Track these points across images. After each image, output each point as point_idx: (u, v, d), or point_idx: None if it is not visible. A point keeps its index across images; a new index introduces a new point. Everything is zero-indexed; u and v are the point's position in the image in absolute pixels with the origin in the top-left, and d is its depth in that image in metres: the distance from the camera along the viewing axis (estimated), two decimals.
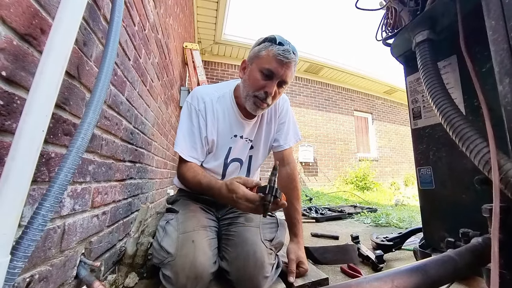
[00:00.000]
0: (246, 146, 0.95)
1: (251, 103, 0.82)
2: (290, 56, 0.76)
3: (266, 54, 0.78)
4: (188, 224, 0.74)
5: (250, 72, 0.82)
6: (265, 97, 0.80)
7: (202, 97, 0.88)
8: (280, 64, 0.76)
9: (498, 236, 0.45)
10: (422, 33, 0.80)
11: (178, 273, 0.62)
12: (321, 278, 0.79)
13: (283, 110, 1.00)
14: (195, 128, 0.86)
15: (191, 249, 0.66)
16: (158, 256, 0.69)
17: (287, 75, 0.79)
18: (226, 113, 0.90)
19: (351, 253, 1.16)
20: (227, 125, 0.90)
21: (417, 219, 2.15)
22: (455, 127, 0.61)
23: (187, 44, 2.98)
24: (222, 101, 0.90)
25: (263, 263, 0.68)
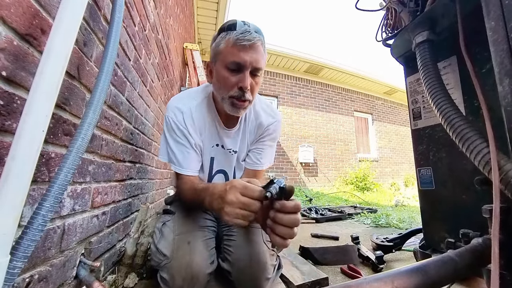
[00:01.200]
0: (230, 158, 0.85)
1: (229, 105, 0.71)
2: (252, 36, 0.64)
3: (225, 46, 0.66)
4: (185, 225, 0.74)
5: (217, 73, 0.71)
6: (242, 94, 0.68)
7: (179, 108, 0.77)
8: (244, 49, 0.64)
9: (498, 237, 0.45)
10: (422, 34, 0.80)
11: (174, 276, 0.62)
12: (321, 277, 0.79)
13: (273, 132, 0.87)
14: (182, 139, 0.76)
15: (187, 251, 0.65)
16: (155, 258, 0.69)
17: (257, 59, 0.66)
18: (206, 121, 0.80)
19: (351, 254, 1.16)
20: (207, 133, 0.81)
21: (417, 220, 2.15)
22: (455, 128, 0.61)
23: (187, 44, 2.99)
24: (201, 107, 0.80)
25: (265, 265, 0.67)
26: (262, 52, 0.68)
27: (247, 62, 0.65)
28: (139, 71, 1.03)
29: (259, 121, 0.85)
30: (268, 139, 0.87)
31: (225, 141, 0.83)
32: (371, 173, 5.69)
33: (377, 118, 7.05)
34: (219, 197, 0.52)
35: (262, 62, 0.69)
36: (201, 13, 3.67)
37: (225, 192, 0.50)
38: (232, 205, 0.48)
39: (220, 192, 0.52)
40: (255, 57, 0.66)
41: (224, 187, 0.52)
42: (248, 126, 0.85)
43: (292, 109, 5.74)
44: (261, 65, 0.69)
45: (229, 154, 0.85)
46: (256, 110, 0.85)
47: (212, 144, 0.82)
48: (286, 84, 5.81)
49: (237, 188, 0.49)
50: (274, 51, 5.17)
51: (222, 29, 0.69)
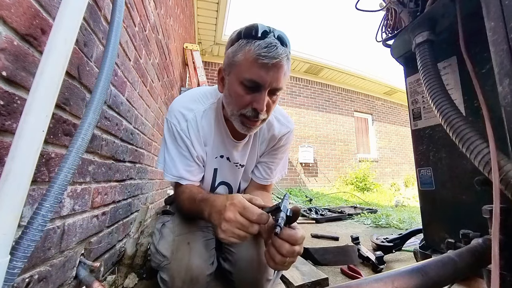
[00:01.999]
0: (236, 171, 0.81)
1: (238, 123, 0.65)
2: (277, 52, 0.54)
3: (244, 58, 0.57)
4: (184, 225, 0.73)
5: (229, 86, 0.63)
6: (255, 115, 0.61)
7: (184, 115, 0.70)
8: (265, 68, 0.55)
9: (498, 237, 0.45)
10: (422, 34, 0.80)
11: (174, 277, 0.62)
12: (321, 278, 0.79)
13: (286, 143, 0.83)
14: (184, 150, 0.70)
15: (187, 251, 0.64)
16: (155, 259, 0.68)
17: (278, 79, 0.58)
18: (212, 129, 0.74)
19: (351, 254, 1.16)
20: (213, 143, 0.75)
21: (417, 220, 2.15)
22: (455, 128, 0.61)
23: (187, 45, 2.99)
24: (208, 115, 0.73)
25: (267, 266, 0.65)
26: (285, 69, 0.59)
27: (267, 82, 0.57)
28: (139, 71, 1.03)
29: (271, 133, 0.79)
30: (281, 152, 0.83)
31: (233, 153, 0.77)
32: (371, 173, 5.69)
33: (377, 119, 7.06)
34: (218, 212, 0.50)
35: (283, 82, 0.60)
36: (201, 14, 3.67)
37: (225, 208, 0.48)
38: (230, 223, 0.47)
39: (220, 207, 0.50)
40: (276, 77, 0.57)
41: (224, 202, 0.50)
42: (259, 138, 0.79)
43: (292, 109, 5.74)
44: (282, 85, 0.60)
45: (235, 168, 0.80)
46: (270, 121, 0.77)
47: (216, 155, 0.76)
48: (286, 84, 5.81)
49: (237, 206, 0.47)
50: None
51: (242, 35, 0.59)
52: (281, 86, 0.61)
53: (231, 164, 0.78)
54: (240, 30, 0.60)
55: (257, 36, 0.56)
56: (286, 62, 0.58)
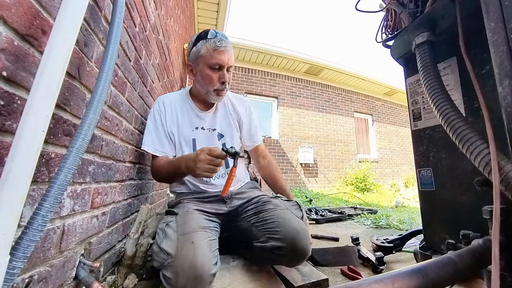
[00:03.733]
0: (211, 136, 1.03)
1: (214, 95, 0.96)
2: (225, 43, 0.90)
3: (206, 50, 0.90)
4: (188, 225, 0.75)
5: (200, 72, 0.94)
6: (224, 87, 0.94)
7: (163, 100, 1.01)
8: (222, 54, 0.90)
9: (498, 238, 0.45)
10: (422, 35, 0.81)
11: (178, 274, 0.62)
12: (321, 279, 0.78)
13: (249, 110, 1.13)
14: (159, 125, 0.97)
15: (191, 250, 0.66)
16: (158, 258, 0.69)
17: (230, 59, 0.93)
18: (184, 109, 1.02)
19: (351, 255, 1.16)
20: (186, 119, 1.01)
21: (418, 221, 2.15)
22: (455, 129, 0.61)
23: (187, 45, 2.99)
24: (179, 100, 1.03)
25: (308, 234, 0.77)
26: (232, 53, 0.95)
27: (224, 62, 0.91)
28: (140, 72, 1.04)
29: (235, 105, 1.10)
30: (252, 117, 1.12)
31: (205, 122, 1.03)
32: (371, 174, 5.69)
33: (377, 119, 7.06)
34: (192, 160, 0.75)
35: (233, 61, 0.95)
36: (201, 14, 3.68)
37: (196, 154, 0.74)
38: (202, 162, 0.73)
39: (193, 156, 0.76)
40: (229, 58, 0.92)
41: (196, 152, 0.76)
42: (223, 110, 1.08)
43: (292, 110, 5.74)
44: (233, 62, 0.95)
45: (209, 133, 1.03)
46: (229, 97, 1.11)
47: (192, 128, 1.01)
48: (286, 85, 5.82)
49: (204, 151, 0.73)
50: (274, 52, 5.18)
51: (200, 38, 0.93)
52: (233, 64, 0.96)
53: (205, 131, 1.02)
54: (198, 35, 0.94)
55: (209, 36, 0.91)
56: (230, 48, 0.94)
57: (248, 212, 0.90)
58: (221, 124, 1.05)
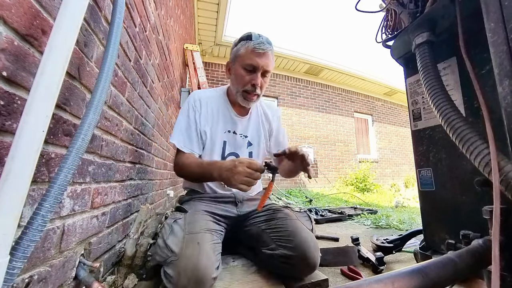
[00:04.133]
0: (242, 141, 1.02)
1: (242, 98, 0.93)
2: (265, 46, 0.87)
3: (245, 51, 0.89)
4: (195, 225, 0.75)
5: (235, 71, 0.93)
6: (253, 89, 0.91)
7: (199, 97, 0.99)
8: (258, 56, 0.87)
9: (498, 238, 0.45)
10: (422, 35, 0.81)
11: (180, 274, 0.62)
12: (321, 279, 0.78)
13: (279, 119, 1.14)
14: (192, 121, 0.95)
15: (196, 251, 0.65)
16: (162, 254, 0.69)
17: (267, 64, 0.89)
18: (220, 110, 1.00)
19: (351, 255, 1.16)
20: (221, 120, 0.99)
21: (418, 221, 2.15)
22: (455, 129, 0.61)
23: (187, 45, 2.99)
24: (216, 99, 1.01)
25: (318, 247, 0.78)
26: (271, 59, 0.91)
27: (260, 65, 0.88)
28: (140, 72, 1.04)
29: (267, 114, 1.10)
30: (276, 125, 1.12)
31: (238, 127, 1.01)
32: (371, 174, 5.68)
33: (377, 119, 7.06)
34: (229, 170, 0.72)
35: (271, 66, 0.92)
36: (201, 14, 3.68)
37: (235, 165, 0.71)
38: (241, 174, 0.69)
39: (230, 166, 0.72)
40: (266, 62, 0.89)
41: (233, 162, 0.72)
42: (261, 119, 1.08)
43: (292, 110, 5.74)
44: (270, 68, 0.91)
45: (240, 139, 1.02)
46: (262, 106, 1.11)
47: (225, 130, 1.00)
48: (286, 85, 5.82)
49: (244, 163, 0.71)
50: (274, 52, 5.16)
51: (242, 39, 0.92)
52: (269, 69, 0.92)
53: (237, 136, 1.01)
54: (241, 36, 0.93)
55: (252, 38, 0.89)
56: (271, 54, 0.91)
57: (258, 218, 0.91)
58: (252, 132, 1.05)
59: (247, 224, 0.91)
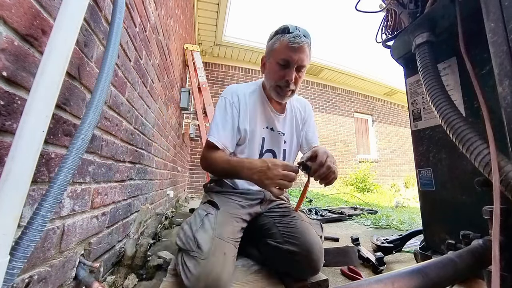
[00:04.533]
0: (279, 139, 1.02)
1: (275, 93, 0.91)
2: (301, 40, 0.82)
3: (279, 45, 0.85)
4: (224, 230, 0.75)
5: (269, 66, 0.91)
6: (287, 85, 0.88)
7: (236, 92, 0.96)
8: (293, 51, 0.82)
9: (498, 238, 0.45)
10: (422, 35, 0.80)
11: (200, 276, 0.62)
12: (321, 279, 0.78)
13: (310, 114, 1.12)
14: (229, 117, 0.92)
15: (221, 260, 0.65)
16: (187, 244, 0.70)
17: (303, 59, 0.84)
18: (258, 106, 0.97)
19: (351, 255, 1.16)
20: (259, 117, 0.97)
21: (418, 221, 2.15)
22: (455, 129, 0.61)
23: (187, 45, 2.99)
24: (254, 95, 0.98)
25: (322, 251, 0.78)
26: (307, 53, 0.86)
27: (294, 60, 0.84)
28: (140, 72, 1.04)
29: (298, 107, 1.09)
30: (310, 120, 1.11)
31: (275, 124, 1.00)
32: (371, 174, 5.68)
33: (377, 119, 7.05)
34: (260, 171, 0.71)
35: (306, 61, 0.87)
36: (201, 15, 3.68)
37: (268, 167, 0.70)
38: (276, 177, 0.69)
39: (262, 168, 0.71)
40: (301, 57, 0.84)
41: (265, 164, 0.71)
42: (293, 115, 1.06)
43: None
44: (305, 63, 0.87)
45: (278, 136, 1.01)
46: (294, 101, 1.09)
47: (264, 126, 0.99)
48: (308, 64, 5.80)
49: (278, 165, 0.70)
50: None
51: (278, 32, 0.87)
52: (305, 64, 0.87)
53: (274, 133, 1.01)
54: (277, 29, 0.88)
55: (289, 31, 0.84)
56: (308, 47, 0.85)
57: (273, 213, 0.93)
58: (288, 129, 1.05)
59: (262, 218, 0.94)
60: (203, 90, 2.89)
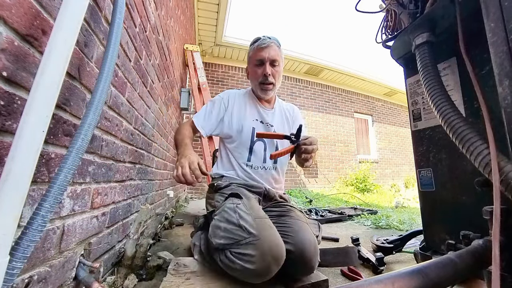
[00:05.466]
0: (269, 129, 1.16)
1: (260, 90, 1.12)
2: (266, 41, 1.04)
3: (252, 52, 1.09)
4: (257, 210, 0.82)
5: (250, 71, 1.15)
6: (266, 79, 1.07)
7: (229, 93, 1.19)
8: (262, 50, 1.05)
9: (499, 238, 0.45)
10: (422, 36, 0.80)
11: (264, 253, 0.67)
12: (321, 279, 0.78)
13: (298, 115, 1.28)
14: (215, 110, 1.13)
15: (272, 232, 0.73)
16: (234, 236, 0.73)
17: (272, 54, 1.05)
18: (247, 103, 1.17)
19: (351, 256, 1.15)
20: (249, 111, 1.15)
21: (418, 221, 2.15)
22: (455, 129, 0.61)
23: (187, 45, 2.99)
24: (245, 96, 1.20)
25: (317, 250, 0.80)
26: (276, 49, 1.07)
27: (265, 57, 1.05)
28: (140, 72, 1.04)
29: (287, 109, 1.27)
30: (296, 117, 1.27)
31: (264, 117, 1.16)
32: (371, 174, 5.68)
33: (377, 120, 7.05)
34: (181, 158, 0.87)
35: (277, 56, 1.07)
36: (201, 15, 3.68)
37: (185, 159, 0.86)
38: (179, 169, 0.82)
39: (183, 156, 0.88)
40: (271, 53, 1.05)
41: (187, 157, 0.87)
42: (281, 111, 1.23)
43: None
44: (276, 57, 1.07)
45: (267, 127, 1.16)
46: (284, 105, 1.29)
47: (253, 119, 1.14)
48: (286, 85, 5.82)
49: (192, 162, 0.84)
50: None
51: (251, 43, 1.12)
52: (277, 58, 1.07)
53: (263, 124, 1.16)
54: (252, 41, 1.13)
55: (258, 39, 1.08)
56: (275, 45, 1.08)
57: (272, 212, 0.98)
58: (277, 122, 1.19)
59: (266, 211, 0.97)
60: (203, 90, 2.89)
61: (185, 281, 0.76)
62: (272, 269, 0.68)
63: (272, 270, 0.68)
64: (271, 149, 1.13)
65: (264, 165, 1.11)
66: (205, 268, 0.84)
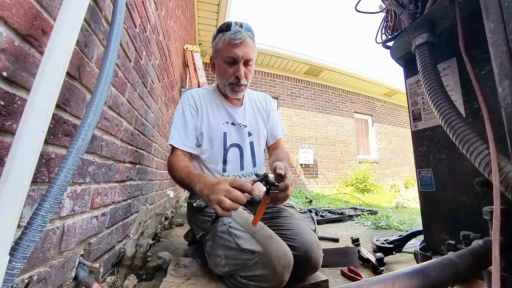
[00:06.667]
0: (242, 132, 1.01)
1: (229, 90, 0.94)
2: (242, 35, 0.84)
3: (222, 44, 0.87)
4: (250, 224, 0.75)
5: (217, 66, 0.94)
6: (238, 81, 0.90)
7: (191, 94, 0.99)
8: (236, 47, 0.85)
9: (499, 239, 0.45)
10: (422, 36, 0.81)
11: (275, 266, 0.65)
12: (321, 280, 0.78)
13: (272, 108, 1.12)
14: (188, 119, 0.94)
15: (276, 242, 0.70)
16: (239, 261, 0.70)
17: (247, 53, 0.87)
18: (214, 104, 1.00)
19: (351, 256, 1.15)
20: (217, 113, 0.99)
21: (418, 222, 2.15)
22: (455, 129, 0.61)
23: (188, 46, 3.00)
24: (209, 94, 1.02)
25: (320, 248, 0.79)
26: (251, 45, 0.88)
27: (240, 56, 0.86)
28: (140, 72, 1.04)
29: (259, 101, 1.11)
30: (272, 113, 1.12)
31: (235, 118, 1.01)
32: (371, 174, 5.68)
33: (377, 120, 7.06)
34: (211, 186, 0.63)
35: (252, 54, 0.89)
36: (201, 15, 3.68)
37: (218, 182, 0.61)
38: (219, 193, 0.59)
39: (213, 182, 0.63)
40: (245, 51, 0.86)
41: (217, 179, 0.63)
42: (253, 107, 1.07)
43: (292, 110, 5.74)
44: (251, 56, 0.89)
45: (240, 129, 1.01)
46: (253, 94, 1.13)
47: (223, 121, 0.98)
48: (286, 85, 5.82)
49: (227, 180, 0.60)
50: (274, 52, 5.18)
51: (220, 30, 0.88)
52: (251, 58, 0.89)
53: (236, 126, 1.00)
54: (219, 28, 0.90)
55: (228, 28, 0.86)
56: (250, 40, 0.88)
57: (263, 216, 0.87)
58: (250, 121, 1.04)
59: None
60: None
61: (185, 282, 0.76)
62: (285, 277, 0.68)
63: (285, 278, 0.68)
64: (247, 153, 0.99)
65: (242, 172, 0.97)
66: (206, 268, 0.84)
